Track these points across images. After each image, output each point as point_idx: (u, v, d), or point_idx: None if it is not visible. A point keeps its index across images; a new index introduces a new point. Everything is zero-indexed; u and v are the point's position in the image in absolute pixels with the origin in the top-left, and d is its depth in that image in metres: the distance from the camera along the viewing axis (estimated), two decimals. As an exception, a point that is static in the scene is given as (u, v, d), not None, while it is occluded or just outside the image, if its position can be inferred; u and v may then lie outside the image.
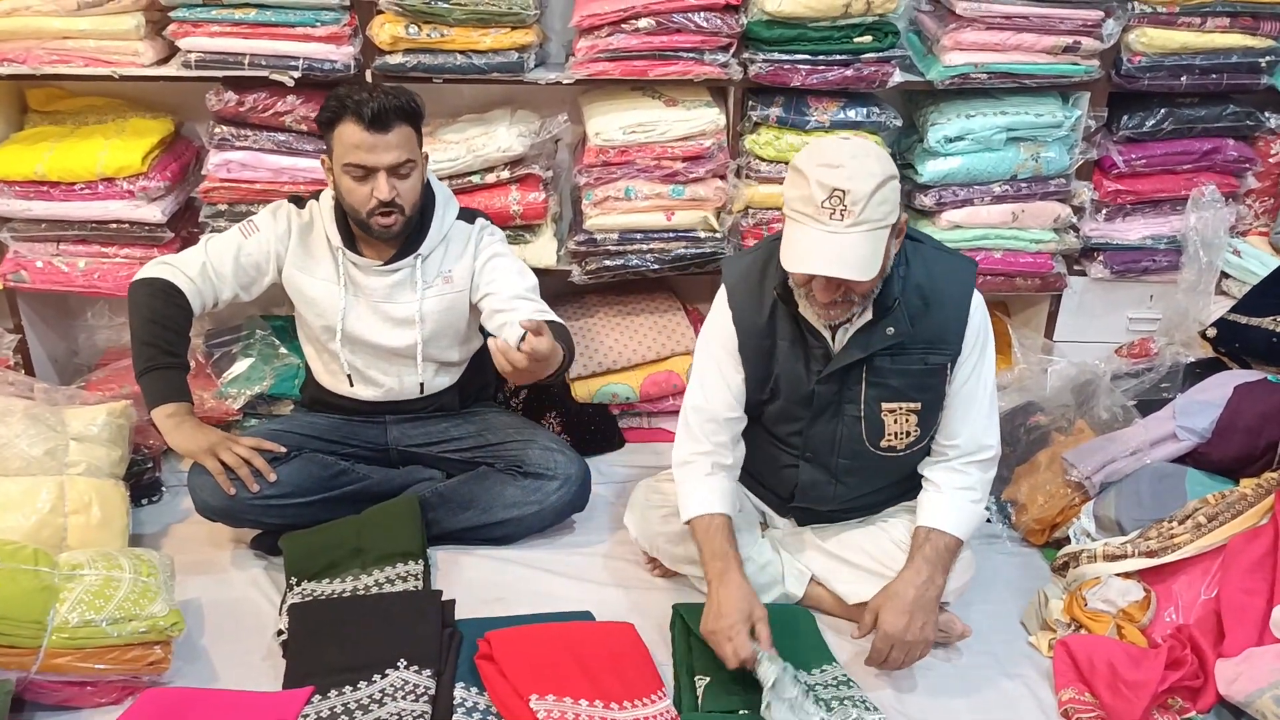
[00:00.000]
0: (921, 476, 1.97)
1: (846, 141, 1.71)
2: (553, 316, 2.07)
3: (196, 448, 2.08)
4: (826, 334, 1.84)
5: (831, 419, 1.90)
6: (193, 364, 2.61)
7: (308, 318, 2.20)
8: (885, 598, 1.86)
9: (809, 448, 1.94)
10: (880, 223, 1.65)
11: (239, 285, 2.17)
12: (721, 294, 1.91)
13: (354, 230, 2.13)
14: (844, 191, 1.61)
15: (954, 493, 1.91)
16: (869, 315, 1.80)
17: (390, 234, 2.07)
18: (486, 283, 2.15)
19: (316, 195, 2.21)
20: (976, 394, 1.89)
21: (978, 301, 1.87)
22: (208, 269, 2.14)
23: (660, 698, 1.79)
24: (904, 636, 1.82)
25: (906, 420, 1.88)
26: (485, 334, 1.98)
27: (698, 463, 1.91)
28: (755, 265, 1.88)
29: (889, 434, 1.89)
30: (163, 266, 2.13)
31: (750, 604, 1.79)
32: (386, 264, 2.14)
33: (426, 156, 2.15)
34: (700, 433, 1.92)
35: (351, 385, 2.22)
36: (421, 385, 2.23)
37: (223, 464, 2.07)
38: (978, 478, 1.93)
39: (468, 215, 2.23)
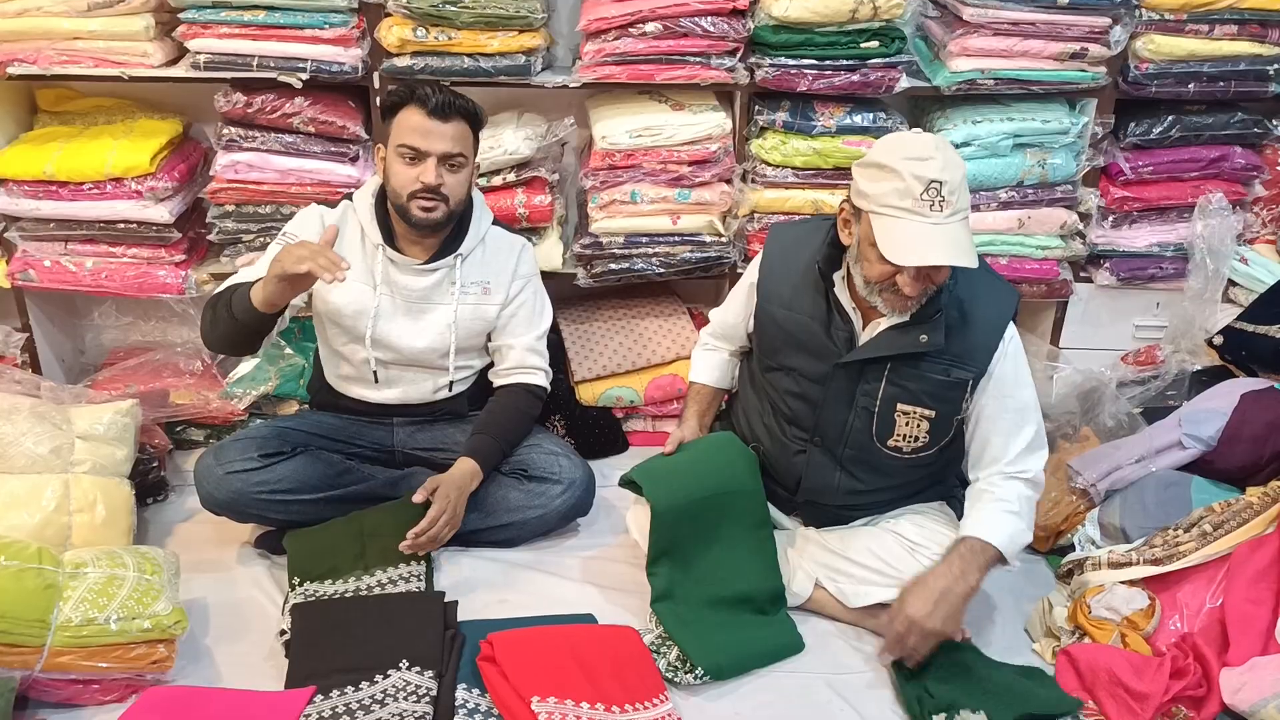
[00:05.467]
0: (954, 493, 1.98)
1: (920, 134, 1.77)
2: (540, 375, 2.24)
3: (277, 273, 1.86)
4: (856, 319, 1.87)
5: (844, 407, 1.92)
6: (199, 365, 2.64)
7: (334, 319, 2.17)
8: (913, 584, 1.86)
9: (819, 432, 1.96)
10: (968, 211, 1.71)
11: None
12: (763, 250, 2.03)
13: (395, 227, 2.13)
14: (941, 182, 1.66)
15: (990, 504, 1.89)
16: (905, 316, 1.83)
17: (430, 223, 2.06)
18: (509, 315, 2.21)
19: (349, 196, 2.20)
20: (1001, 418, 1.89)
21: (1013, 332, 1.90)
22: None
23: (662, 701, 1.79)
24: (925, 623, 1.79)
25: (919, 425, 1.91)
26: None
27: (703, 342, 2.26)
28: (798, 239, 1.97)
29: (897, 434, 1.92)
30: (230, 284, 2.07)
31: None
32: (426, 263, 2.13)
33: (478, 166, 2.15)
34: (708, 332, 2.24)
35: (376, 382, 2.21)
36: (451, 384, 2.23)
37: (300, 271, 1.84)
38: (1016, 491, 1.90)
39: (507, 226, 2.26)
